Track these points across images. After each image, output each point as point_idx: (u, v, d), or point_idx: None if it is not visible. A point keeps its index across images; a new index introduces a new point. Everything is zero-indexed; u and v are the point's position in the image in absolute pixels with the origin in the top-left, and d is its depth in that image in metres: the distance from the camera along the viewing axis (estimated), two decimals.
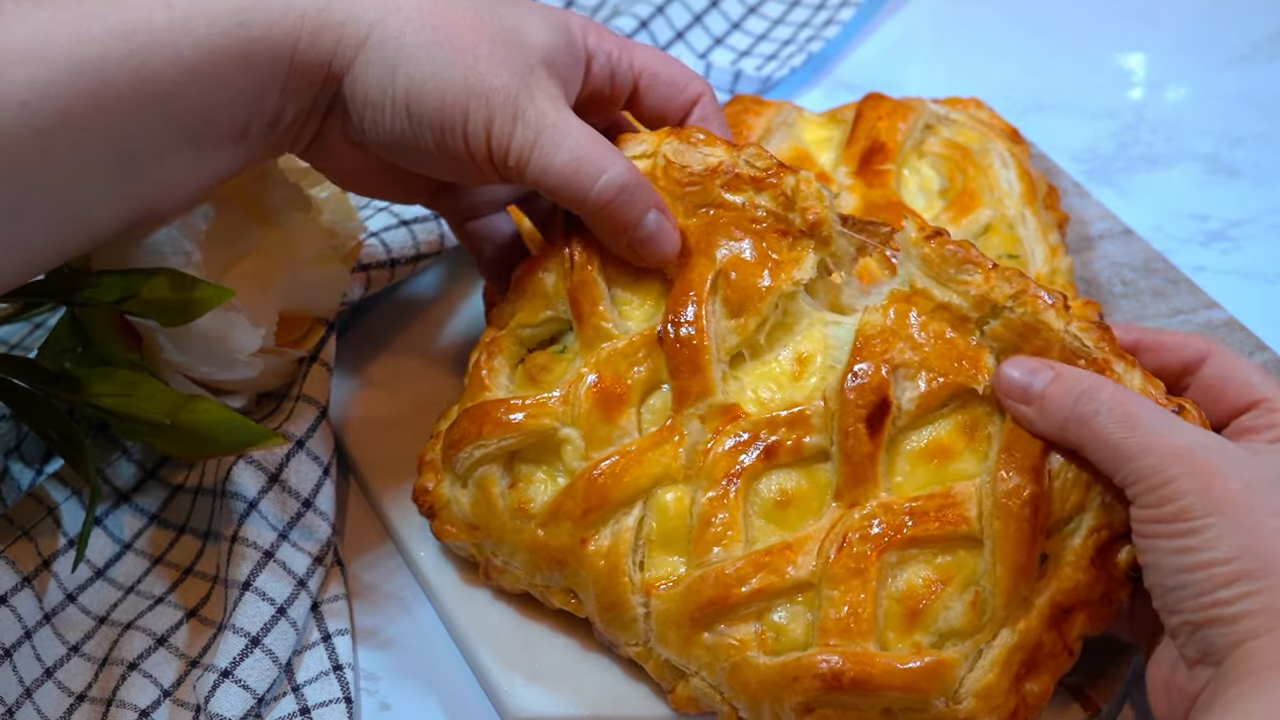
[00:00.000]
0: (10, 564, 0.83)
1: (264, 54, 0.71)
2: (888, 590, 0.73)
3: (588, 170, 0.75)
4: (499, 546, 0.81)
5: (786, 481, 0.76)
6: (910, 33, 1.26)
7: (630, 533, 0.77)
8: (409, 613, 0.87)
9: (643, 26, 1.19)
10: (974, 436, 0.74)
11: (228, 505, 0.84)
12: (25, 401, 0.84)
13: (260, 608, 0.81)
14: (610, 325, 0.80)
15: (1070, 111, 1.18)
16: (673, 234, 0.78)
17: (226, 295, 0.77)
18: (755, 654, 0.73)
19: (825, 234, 0.78)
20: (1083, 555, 0.72)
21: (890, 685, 0.71)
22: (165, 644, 0.84)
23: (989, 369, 0.74)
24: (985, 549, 0.72)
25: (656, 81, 0.83)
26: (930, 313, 0.75)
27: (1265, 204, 1.10)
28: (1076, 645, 0.72)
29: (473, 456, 0.80)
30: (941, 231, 0.76)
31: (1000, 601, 0.71)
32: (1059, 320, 0.73)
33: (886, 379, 0.74)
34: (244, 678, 0.79)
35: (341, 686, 0.81)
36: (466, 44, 0.73)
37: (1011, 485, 0.71)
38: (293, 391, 0.89)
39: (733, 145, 0.81)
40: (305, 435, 0.86)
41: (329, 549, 0.86)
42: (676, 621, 0.75)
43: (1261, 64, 1.21)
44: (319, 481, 0.86)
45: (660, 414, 0.79)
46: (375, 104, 0.73)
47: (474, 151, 0.75)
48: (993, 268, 0.74)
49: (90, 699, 0.82)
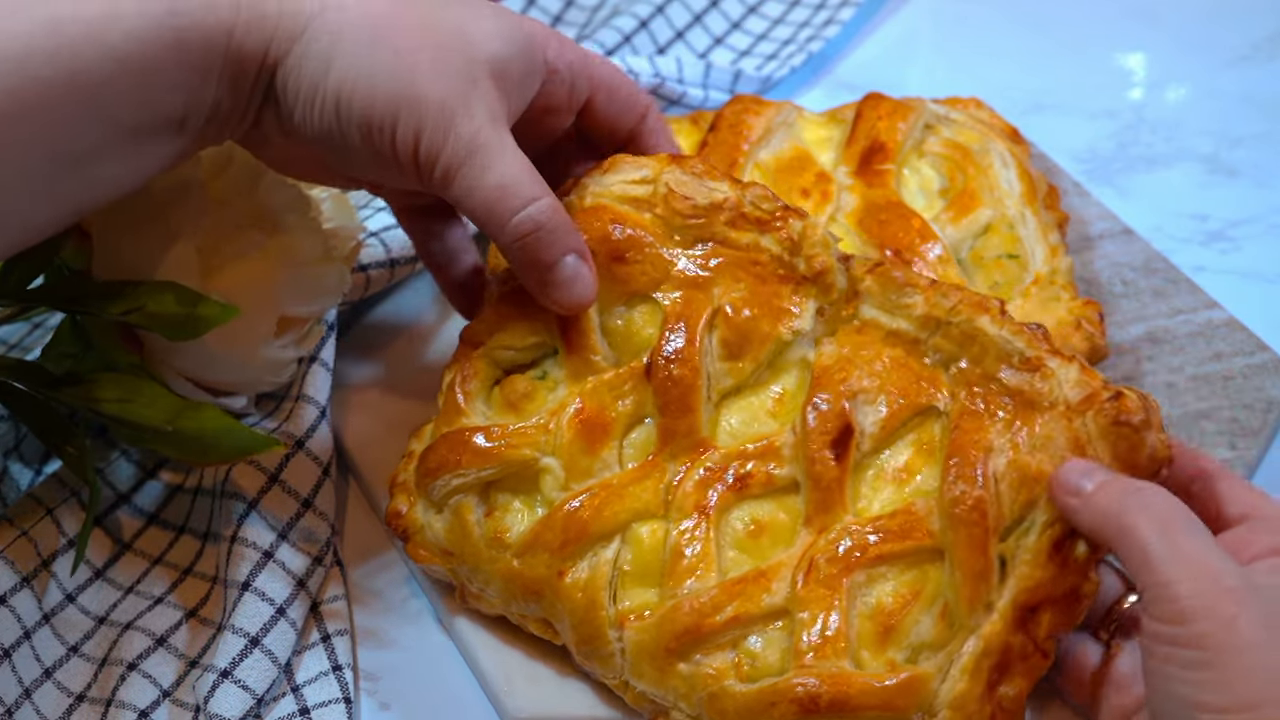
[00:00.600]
0: (9, 564, 0.83)
1: (197, 43, 0.69)
2: (859, 609, 0.74)
3: (510, 201, 0.73)
4: (474, 574, 0.80)
5: (758, 512, 0.77)
6: (910, 33, 1.26)
7: (608, 566, 0.77)
8: (409, 613, 0.87)
9: (643, 26, 1.19)
10: (930, 454, 0.75)
11: (227, 505, 0.84)
12: (25, 404, 0.84)
13: (259, 608, 0.81)
14: (599, 358, 0.79)
15: (1070, 111, 1.18)
16: (589, 282, 0.77)
17: (231, 314, 0.77)
18: (732, 683, 0.74)
19: (829, 282, 0.78)
20: (1039, 552, 0.72)
21: (867, 704, 0.71)
22: (165, 644, 0.84)
23: (944, 384, 0.76)
24: (945, 559, 0.73)
25: (612, 93, 0.82)
26: (882, 340, 0.77)
27: (1265, 204, 1.10)
28: (1048, 645, 0.72)
29: (449, 485, 0.80)
30: (881, 262, 0.77)
31: (964, 609, 0.72)
32: (993, 326, 0.74)
33: (846, 406, 0.75)
34: (243, 678, 0.79)
35: (341, 687, 0.81)
36: (407, 47, 0.71)
37: (958, 493, 0.72)
38: (292, 392, 0.89)
39: (736, 182, 0.80)
40: (305, 435, 0.86)
41: (328, 549, 0.86)
42: (651, 653, 0.75)
43: (1261, 64, 1.21)
44: (319, 482, 0.86)
45: (642, 448, 0.79)
46: (306, 98, 0.71)
47: (400, 157, 0.73)
48: (931, 284, 0.76)
49: (89, 699, 0.82)
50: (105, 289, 0.79)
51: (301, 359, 0.89)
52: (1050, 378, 0.73)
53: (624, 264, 0.79)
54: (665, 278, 0.79)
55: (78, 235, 0.81)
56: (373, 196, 1.01)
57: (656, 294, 0.79)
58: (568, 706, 0.80)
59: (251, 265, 0.83)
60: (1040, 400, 0.73)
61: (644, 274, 0.79)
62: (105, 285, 0.80)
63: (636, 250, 0.79)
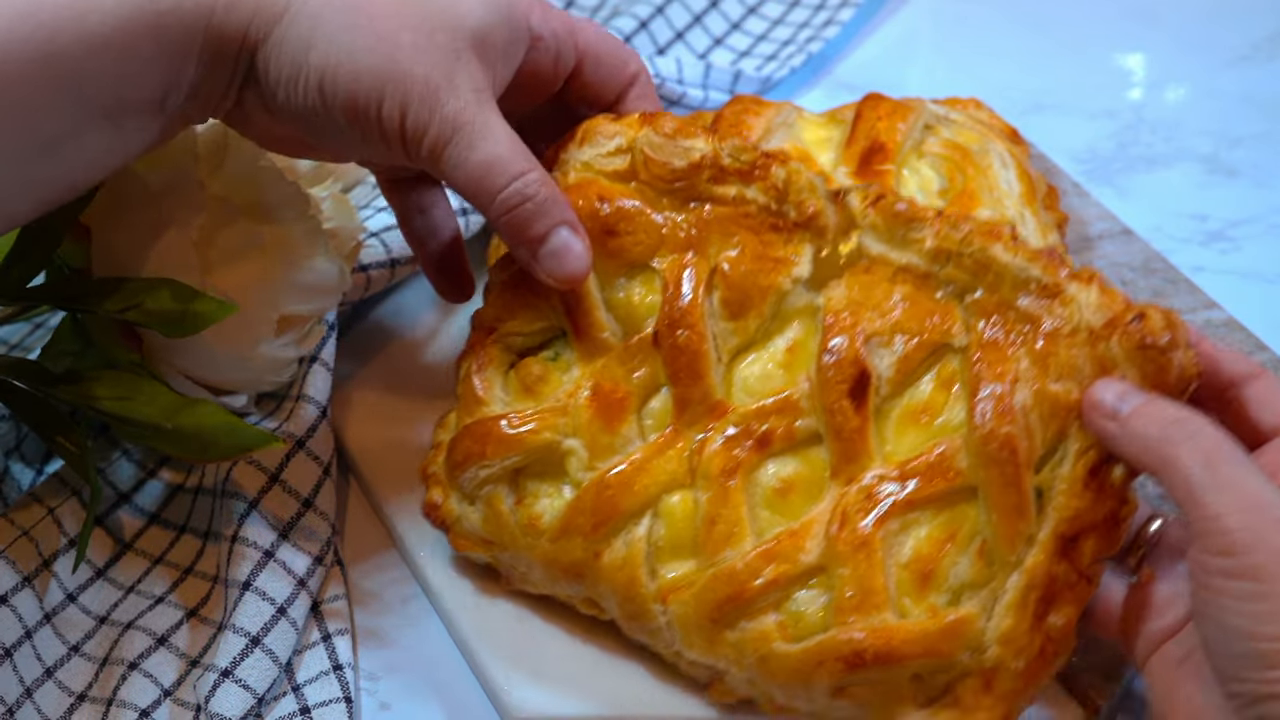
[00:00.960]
0: (10, 564, 0.83)
1: (176, 26, 0.68)
2: (895, 558, 0.73)
3: (497, 175, 0.73)
4: (515, 559, 0.81)
5: (784, 469, 0.76)
6: (910, 33, 1.26)
7: (643, 542, 0.77)
8: (409, 612, 0.87)
9: (642, 27, 1.19)
10: (951, 389, 0.74)
11: (228, 505, 0.85)
12: (26, 402, 0.84)
13: (260, 607, 0.81)
14: (607, 334, 0.79)
15: (1070, 112, 1.18)
16: (582, 253, 0.76)
17: (229, 311, 0.76)
18: (779, 644, 0.74)
19: (822, 225, 0.77)
20: (1075, 481, 0.71)
21: (913, 653, 0.71)
22: (165, 644, 0.84)
23: (959, 318, 0.74)
24: (980, 497, 0.72)
25: (599, 60, 0.81)
26: (891, 278, 0.75)
27: (1265, 204, 1.10)
28: (1093, 571, 0.72)
29: (478, 477, 0.80)
30: (883, 194, 0.75)
31: (1003, 546, 0.71)
32: (1006, 253, 0.73)
33: (861, 350, 0.74)
34: (244, 677, 0.79)
35: (341, 686, 0.82)
36: (388, 28, 0.70)
37: (986, 430, 0.71)
38: (293, 391, 0.89)
39: (711, 133, 0.79)
40: (305, 435, 0.86)
41: (329, 549, 0.86)
42: (697, 624, 0.75)
43: (1261, 64, 1.21)
44: (319, 481, 0.86)
45: (661, 418, 0.78)
46: (288, 80, 0.71)
47: (387, 135, 0.72)
48: (938, 215, 0.74)
49: (90, 699, 0.82)
50: (103, 286, 0.79)
51: (302, 359, 0.89)
52: (1070, 303, 0.71)
53: (616, 237, 0.79)
54: (659, 243, 0.79)
55: (77, 232, 0.82)
56: (373, 197, 1.01)
57: (654, 261, 0.79)
58: (568, 706, 0.80)
59: (250, 263, 0.83)
60: (1062, 326, 0.71)
61: (638, 243, 0.79)
62: (103, 282, 0.80)
63: (626, 222, 0.79)
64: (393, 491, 0.90)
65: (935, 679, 0.73)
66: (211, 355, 0.82)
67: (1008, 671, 0.71)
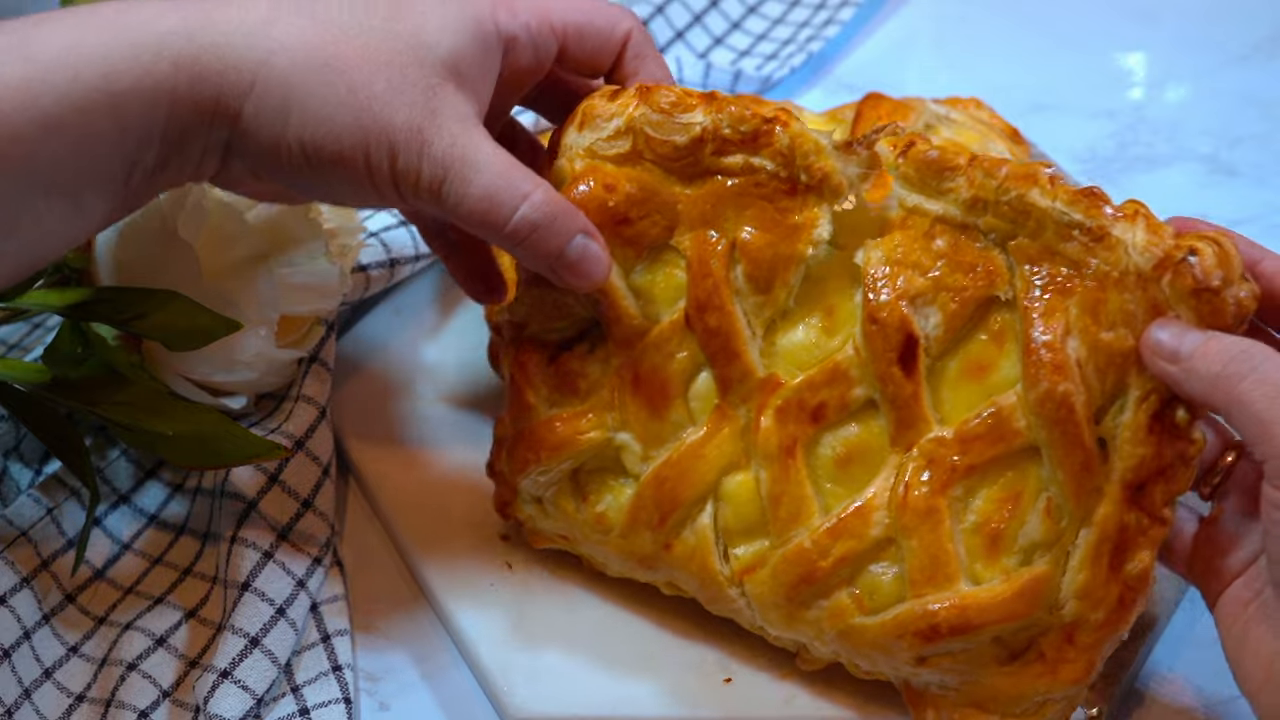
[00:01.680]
0: (10, 564, 0.83)
1: (136, 105, 0.66)
2: (962, 524, 0.73)
3: (500, 210, 0.71)
4: (593, 550, 0.82)
5: (842, 439, 0.75)
6: (910, 33, 1.26)
7: (709, 529, 0.77)
8: (409, 613, 0.87)
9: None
10: (1003, 342, 0.73)
11: (227, 506, 0.84)
12: (23, 404, 0.84)
13: (259, 608, 0.81)
14: (639, 321, 0.78)
15: (1070, 111, 1.18)
16: (600, 257, 0.74)
17: (234, 327, 0.76)
18: (858, 618, 0.74)
19: (835, 184, 0.74)
20: (1139, 428, 0.69)
21: (989, 620, 0.71)
22: (164, 644, 0.84)
23: (1003, 268, 0.72)
24: (1043, 456, 0.71)
25: (583, 34, 0.78)
26: (929, 230, 0.73)
27: (1264, 204, 1.10)
28: (1165, 513, 0.70)
29: (538, 482, 0.80)
30: (913, 141, 0.73)
31: (1071, 504, 0.70)
32: (1044, 198, 0.70)
33: (906, 313, 0.73)
34: (243, 678, 0.79)
35: (341, 687, 0.81)
36: (360, 79, 0.68)
37: (1043, 390, 0.70)
38: (292, 392, 0.89)
39: (708, 100, 0.76)
40: (305, 436, 0.86)
41: (328, 549, 0.86)
42: (774, 603, 0.76)
43: (1261, 64, 1.21)
44: (318, 482, 0.86)
45: (707, 398, 0.77)
46: (270, 149, 0.69)
47: (379, 185, 0.71)
48: (971, 161, 0.72)
49: (89, 699, 0.82)
50: (107, 297, 0.79)
51: (301, 359, 0.89)
52: (1117, 246, 0.69)
53: (630, 224, 0.77)
54: (675, 221, 0.77)
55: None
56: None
57: (672, 241, 0.77)
58: (569, 706, 0.80)
59: (251, 265, 0.83)
60: (1110, 271, 0.69)
61: (653, 226, 0.77)
62: (107, 292, 0.79)
63: (638, 208, 0.77)
64: (392, 492, 0.90)
65: (1016, 637, 0.73)
66: (211, 357, 0.82)
67: (1088, 624, 0.71)
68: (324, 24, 0.69)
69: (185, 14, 0.68)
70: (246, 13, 0.69)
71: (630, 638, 0.82)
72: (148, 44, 0.66)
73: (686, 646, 0.82)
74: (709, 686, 0.80)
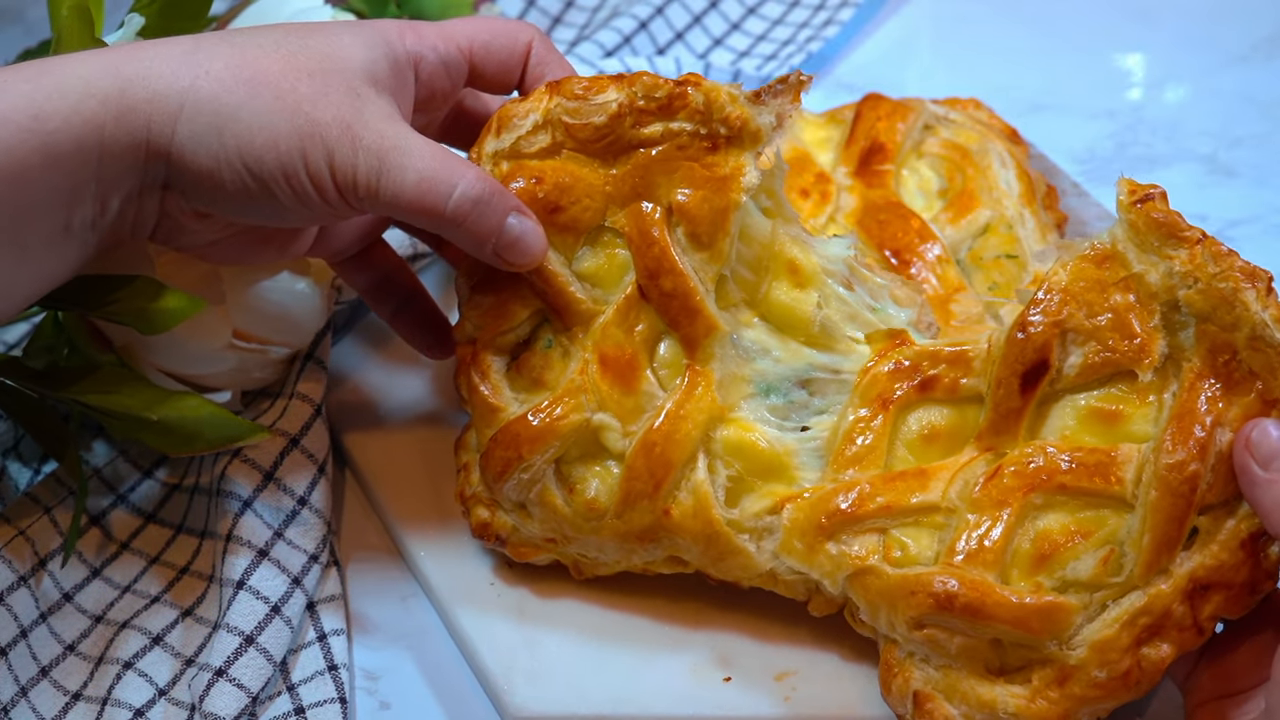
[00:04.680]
0: (7, 563, 0.83)
1: (67, 146, 0.67)
2: (1025, 529, 0.74)
3: (438, 190, 0.73)
4: (585, 545, 0.81)
5: (936, 417, 0.78)
6: (910, 33, 1.26)
7: (705, 484, 0.77)
8: (409, 612, 0.87)
9: (642, 28, 1.19)
10: (1145, 400, 0.74)
11: (222, 504, 0.84)
12: (15, 400, 0.84)
13: (254, 606, 0.81)
14: (589, 304, 0.79)
15: (1069, 112, 1.18)
16: (538, 233, 0.77)
17: (198, 306, 0.77)
18: (879, 563, 0.75)
19: (754, 130, 0.77)
20: (1234, 537, 0.71)
21: (1000, 617, 0.72)
22: (161, 643, 0.84)
23: (1156, 355, 0.73)
24: (1136, 514, 0.72)
25: (489, 49, 0.81)
26: (1118, 282, 0.74)
27: (1264, 204, 1.10)
28: (1208, 625, 0.72)
29: (521, 481, 0.80)
30: (1153, 195, 0.74)
31: (1139, 571, 0.71)
32: (1256, 304, 0.71)
33: (1052, 341, 0.74)
34: (238, 676, 0.79)
35: (336, 686, 0.81)
36: (284, 87, 0.71)
37: (1176, 460, 0.71)
38: (286, 389, 0.89)
39: (618, 79, 0.79)
40: (300, 433, 0.86)
41: (325, 547, 0.86)
42: (804, 530, 0.77)
43: (1260, 64, 1.21)
44: (314, 479, 0.86)
45: (674, 364, 0.79)
46: (210, 171, 0.71)
47: (322, 191, 0.72)
48: (1201, 239, 0.73)
49: (86, 698, 0.82)
50: (76, 284, 0.78)
51: (295, 356, 0.89)
52: None
53: (562, 211, 0.79)
54: (606, 202, 0.79)
55: None
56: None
57: (607, 222, 0.79)
58: (569, 705, 0.80)
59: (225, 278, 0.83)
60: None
61: (584, 210, 0.79)
62: (76, 281, 0.79)
63: (566, 194, 0.79)
64: (393, 491, 0.90)
65: (1015, 653, 0.74)
66: (178, 350, 0.82)
67: (1086, 677, 0.72)
68: (243, 47, 0.72)
69: (109, 56, 0.70)
70: (169, 47, 0.71)
71: (630, 637, 0.82)
72: (73, 86, 0.68)
73: (686, 646, 0.82)
74: (708, 686, 0.80)
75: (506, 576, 0.85)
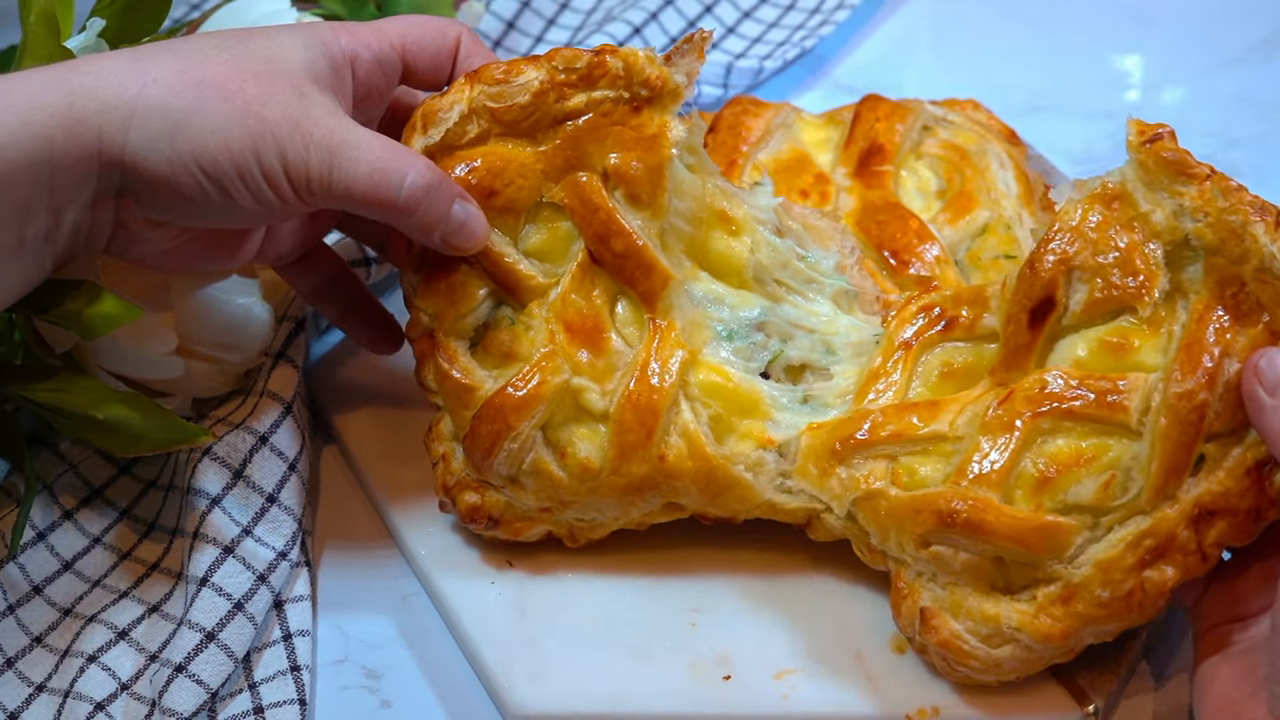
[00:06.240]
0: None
1: (18, 162, 0.68)
2: (1031, 453, 0.75)
3: (390, 180, 0.75)
4: (583, 509, 0.83)
5: (955, 356, 0.81)
6: (908, 34, 1.26)
7: (694, 423, 0.80)
8: (409, 610, 0.87)
9: (636, 33, 1.19)
10: (1157, 331, 0.75)
11: (191, 501, 0.84)
12: None
13: (216, 603, 0.81)
14: (541, 277, 0.81)
15: (1067, 113, 1.18)
16: (480, 218, 0.79)
17: (135, 314, 0.77)
18: (887, 486, 0.78)
19: (674, 88, 0.80)
20: (1240, 465, 0.72)
21: (1000, 534, 0.74)
22: (126, 637, 0.84)
23: (1154, 292, 0.74)
24: (1144, 441, 0.73)
25: (421, 45, 0.83)
26: (1125, 222, 0.76)
27: None
28: (1212, 551, 0.73)
29: (512, 451, 0.81)
30: (1161, 135, 0.76)
31: (1147, 496, 0.73)
32: (1265, 236, 0.72)
33: (1059, 278, 0.76)
34: (198, 673, 0.79)
35: (298, 688, 0.81)
36: (232, 89, 0.72)
37: (1185, 388, 0.72)
38: (257, 386, 0.89)
39: (535, 58, 0.81)
40: (269, 431, 0.86)
41: (295, 544, 0.86)
42: (819, 454, 0.80)
43: (1259, 65, 1.21)
44: (283, 477, 0.86)
45: (636, 320, 0.81)
46: (165, 176, 0.71)
47: (277, 188, 0.74)
48: (1210, 175, 0.74)
49: (49, 689, 0.82)
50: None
51: (250, 370, 0.90)
52: None
53: (498, 194, 0.81)
54: (541, 180, 0.81)
55: None
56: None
57: (544, 198, 0.81)
58: (569, 703, 0.80)
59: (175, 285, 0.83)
60: None
61: (521, 190, 0.81)
62: None
63: (499, 178, 0.80)
64: (393, 489, 0.90)
65: (1019, 571, 0.75)
66: (124, 354, 0.83)
67: (1090, 595, 0.73)
68: (186, 54, 0.73)
69: (55, 71, 0.71)
70: (112, 60, 0.72)
71: (631, 635, 0.82)
72: (21, 103, 0.68)
73: (686, 644, 0.82)
74: (708, 684, 0.80)
75: (508, 575, 0.86)
